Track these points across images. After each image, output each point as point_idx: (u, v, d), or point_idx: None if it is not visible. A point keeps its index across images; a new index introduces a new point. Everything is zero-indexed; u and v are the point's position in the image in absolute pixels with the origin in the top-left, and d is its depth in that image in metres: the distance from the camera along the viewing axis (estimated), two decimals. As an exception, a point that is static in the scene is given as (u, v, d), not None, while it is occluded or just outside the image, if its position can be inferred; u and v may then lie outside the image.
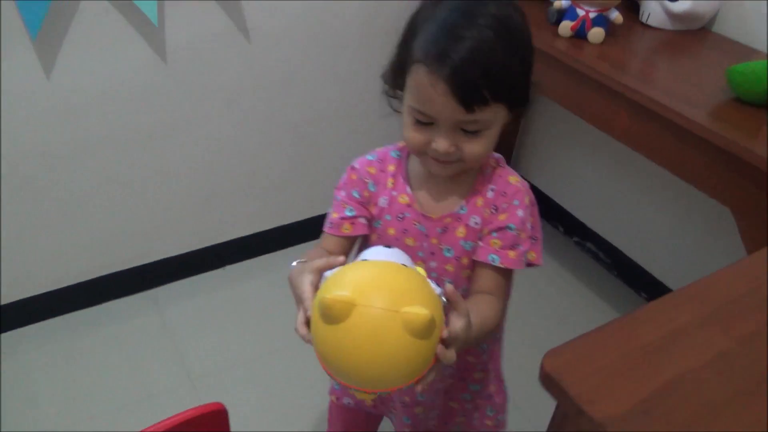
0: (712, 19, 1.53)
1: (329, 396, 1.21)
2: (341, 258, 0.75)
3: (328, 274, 0.74)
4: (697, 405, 0.61)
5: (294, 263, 0.85)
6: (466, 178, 0.91)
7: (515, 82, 0.80)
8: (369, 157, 0.95)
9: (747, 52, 1.42)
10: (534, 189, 2.19)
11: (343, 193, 0.93)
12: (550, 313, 1.88)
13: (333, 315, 0.64)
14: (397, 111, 0.89)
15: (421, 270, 0.74)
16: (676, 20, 1.48)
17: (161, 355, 1.67)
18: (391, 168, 0.93)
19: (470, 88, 0.76)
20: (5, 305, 1.64)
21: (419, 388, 0.70)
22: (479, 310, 0.84)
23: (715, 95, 1.24)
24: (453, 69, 0.75)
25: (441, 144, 0.80)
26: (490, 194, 0.91)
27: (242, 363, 1.66)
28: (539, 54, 1.41)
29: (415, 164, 0.93)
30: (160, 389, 1.58)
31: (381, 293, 0.65)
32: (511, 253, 0.90)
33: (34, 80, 1.36)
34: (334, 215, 0.93)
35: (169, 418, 0.92)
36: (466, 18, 0.76)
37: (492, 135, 0.82)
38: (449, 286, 0.71)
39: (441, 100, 0.77)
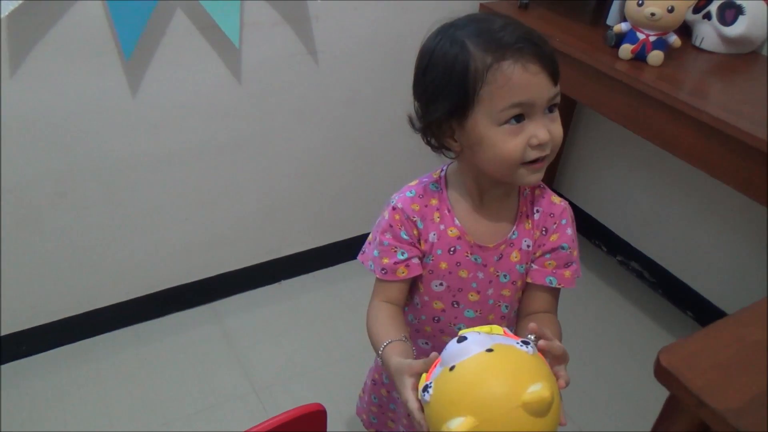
0: (762, 43, 1.58)
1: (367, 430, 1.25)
2: (434, 354, 0.72)
3: (432, 374, 0.70)
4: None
5: (381, 348, 0.85)
6: (510, 202, 0.93)
7: None
8: (408, 193, 0.93)
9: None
10: (576, 208, 2.25)
11: (389, 236, 0.92)
12: (595, 332, 1.90)
13: None
14: (454, 158, 0.90)
15: (497, 329, 0.72)
16: (728, 44, 1.53)
17: (224, 366, 1.71)
18: (434, 202, 0.93)
19: (551, 57, 0.79)
20: (75, 316, 1.70)
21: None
22: (553, 331, 0.86)
23: (775, 114, 1.29)
24: (533, 46, 0.78)
25: (542, 133, 0.80)
26: (536, 216, 0.93)
27: (303, 372, 1.70)
28: (597, 75, 1.47)
29: (457, 195, 0.93)
30: (225, 398, 1.62)
31: (493, 397, 0.63)
32: (567, 273, 0.93)
33: (120, 98, 1.43)
34: (385, 260, 0.92)
35: (271, 419, 0.95)
36: (492, 21, 0.82)
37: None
38: (540, 334, 0.72)
39: (536, 80, 0.78)
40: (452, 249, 0.92)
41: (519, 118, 0.80)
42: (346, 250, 1.99)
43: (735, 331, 0.74)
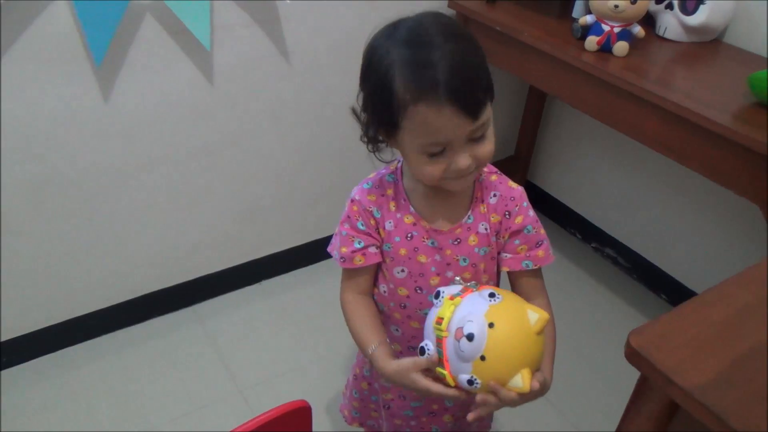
0: (723, 31, 1.62)
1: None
2: (434, 355, 0.83)
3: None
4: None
5: (370, 351, 0.94)
6: (465, 189, 0.96)
7: (488, 75, 0.84)
8: (365, 185, 0.98)
9: (757, 60, 1.51)
10: (549, 197, 2.28)
11: (347, 226, 0.97)
12: (573, 318, 1.94)
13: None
14: (387, 162, 0.97)
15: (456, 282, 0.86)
16: (691, 33, 1.57)
17: (208, 368, 1.72)
18: (390, 192, 0.97)
19: (470, 98, 0.80)
20: (56, 324, 1.69)
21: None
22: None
23: (737, 100, 1.32)
24: (449, 90, 0.78)
25: (463, 162, 0.84)
26: (492, 200, 0.96)
27: (287, 371, 1.71)
28: (566, 67, 1.50)
29: (411, 184, 0.97)
30: (210, 400, 1.63)
31: (513, 322, 0.80)
32: (540, 252, 0.97)
33: (93, 103, 1.42)
34: (343, 249, 0.97)
35: (256, 417, 0.96)
36: (425, 44, 0.80)
37: (492, 131, 0.87)
38: None
39: (452, 123, 0.80)
40: (409, 235, 0.96)
41: (441, 149, 0.84)
42: (325, 248, 1.99)
43: (701, 312, 0.77)
